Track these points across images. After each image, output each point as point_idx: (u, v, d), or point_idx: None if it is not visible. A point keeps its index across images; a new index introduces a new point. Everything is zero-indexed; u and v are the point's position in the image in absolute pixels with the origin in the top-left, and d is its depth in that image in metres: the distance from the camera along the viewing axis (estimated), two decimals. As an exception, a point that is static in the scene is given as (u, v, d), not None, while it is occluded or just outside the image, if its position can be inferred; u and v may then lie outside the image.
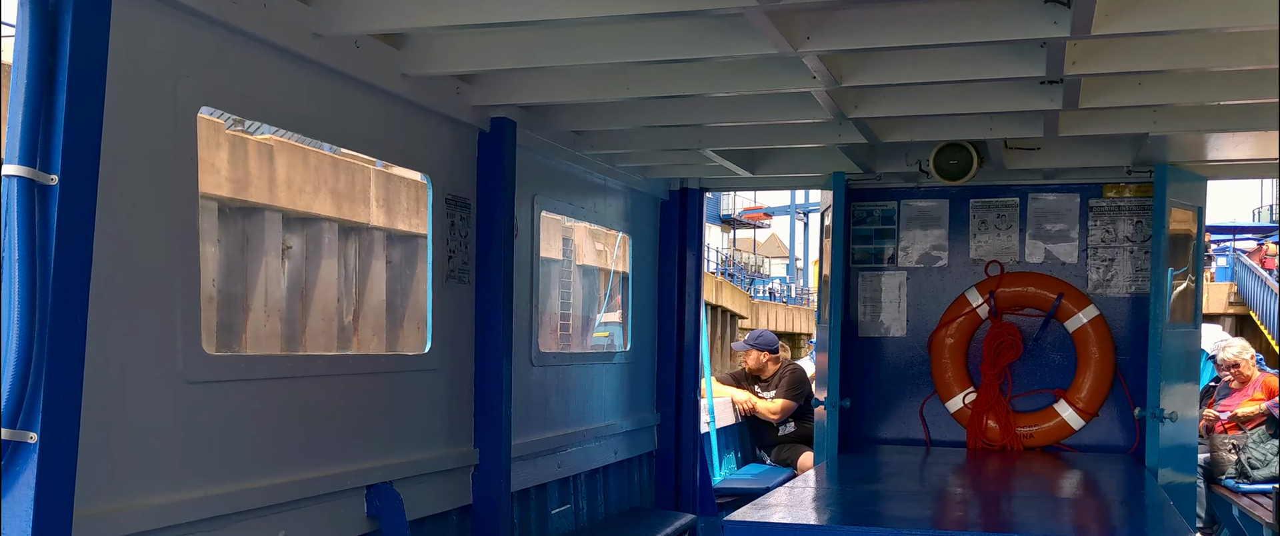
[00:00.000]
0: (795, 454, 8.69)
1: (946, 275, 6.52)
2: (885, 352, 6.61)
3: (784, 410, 8.73)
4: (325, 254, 21.87)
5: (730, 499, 7.62)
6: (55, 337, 2.48)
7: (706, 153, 5.55)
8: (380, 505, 3.88)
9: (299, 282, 21.40)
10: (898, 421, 6.59)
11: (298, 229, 21.32)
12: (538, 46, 3.85)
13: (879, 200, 6.57)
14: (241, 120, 21.66)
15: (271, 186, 20.11)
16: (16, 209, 2.45)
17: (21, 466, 2.45)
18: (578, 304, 27.25)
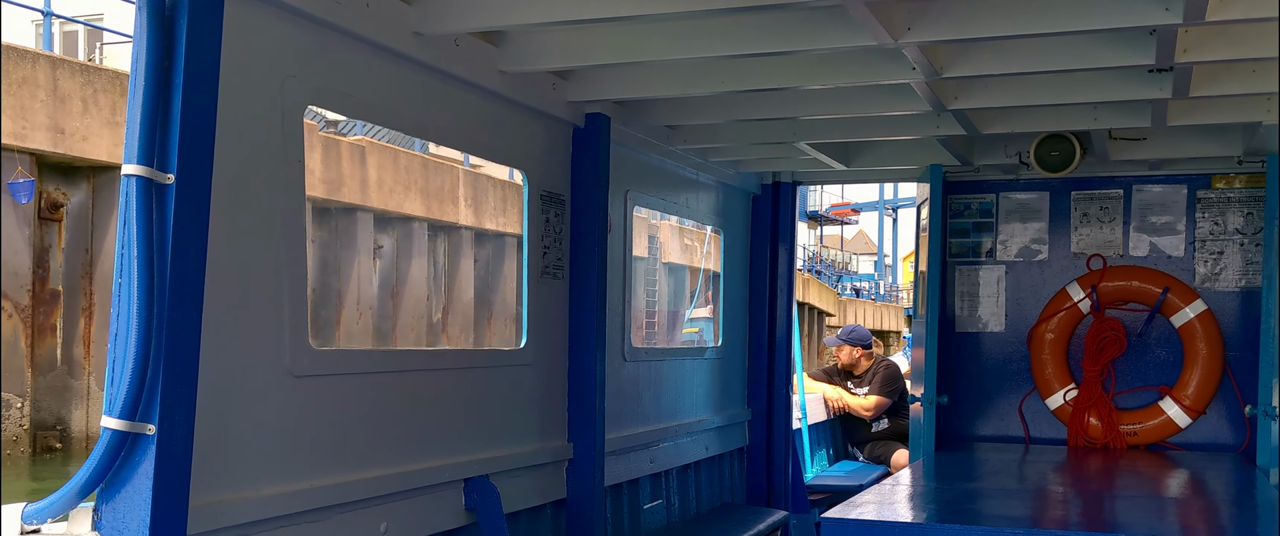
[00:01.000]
0: (888, 451, 8.58)
1: (1047, 269, 6.38)
2: (983, 348, 6.49)
3: (877, 406, 8.63)
4: (415, 252, 22.22)
5: (822, 495, 7.55)
6: (172, 332, 2.54)
7: (800, 146, 5.50)
8: (478, 498, 3.92)
9: (390, 281, 21.77)
10: (995, 418, 6.47)
11: (389, 228, 21.68)
12: (633, 41, 3.85)
13: (977, 193, 6.45)
14: (334, 122, 22.09)
15: (363, 187, 20.46)
16: (135, 207, 2.51)
17: (140, 457, 2.51)
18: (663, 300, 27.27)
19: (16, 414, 15.28)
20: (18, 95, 14.97)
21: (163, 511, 2.52)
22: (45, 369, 15.80)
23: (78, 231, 16.24)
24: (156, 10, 2.54)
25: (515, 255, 24.83)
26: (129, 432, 2.49)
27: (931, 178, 6.05)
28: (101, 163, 16.13)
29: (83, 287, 16.29)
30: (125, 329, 2.49)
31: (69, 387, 16.15)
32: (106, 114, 16.14)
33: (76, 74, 15.99)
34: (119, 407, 2.48)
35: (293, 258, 3.12)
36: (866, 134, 5.30)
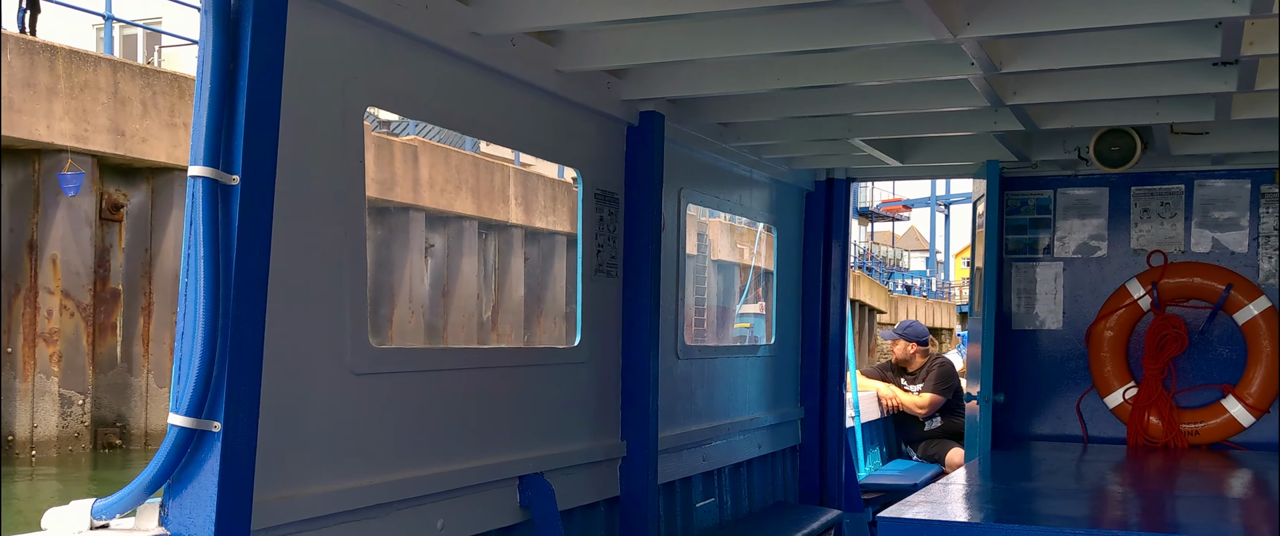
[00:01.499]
0: (943, 449, 8.51)
1: (1106, 266, 6.29)
2: (1040, 346, 6.42)
3: (931, 404, 8.56)
4: (466, 251, 22.38)
5: (876, 494, 7.51)
6: (237, 331, 2.57)
7: (855, 142, 5.47)
8: (532, 495, 3.93)
9: (441, 279, 21.94)
10: (1053, 417, 6.39)
11: (440, 227, 21.85)
12: (688, 39, 3.84)
13: (1034, 189, 6.37)
14: (386, 122, 22.30)
15: (415, 186, 20.64)
16: (201, 208, 2.54)
17: (206, 453, 2.55)
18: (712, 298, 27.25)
19: (78, 411, 15.58)
20: (80, 98, 15.26)
21: (228, 507, 2.55)
22: (105, 366, 16.10)
23: (137, 231, 16.53)
24: (222, 13, 2.58)
25: (564, 253, 24.92)
26: (195, 429, 2.53)
27: (988, 174, 5.98)
28: (160, 164, 16.41)
29: (142, 286, 16.58)
30: (191, 327, 2.53)
31: (128, 385, 16.44)
32: (165, 116, 16.41)
33: (136, 77, 16.27)
34: (185, 405, 2.51)
35: (353, 257, 3.15)
36: (922, 130, 5.26)
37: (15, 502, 13.34)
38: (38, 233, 15.20)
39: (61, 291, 15.29)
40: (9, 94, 14.44)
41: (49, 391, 15.22)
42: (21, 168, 15.08)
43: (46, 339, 15.19)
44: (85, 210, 15.50)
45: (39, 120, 14.76)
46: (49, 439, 15.23)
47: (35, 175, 15.13)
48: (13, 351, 15.01)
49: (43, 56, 14.92)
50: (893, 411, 8.78)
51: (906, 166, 6.11)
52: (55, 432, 15.28)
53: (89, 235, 15.61)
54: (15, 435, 15.01)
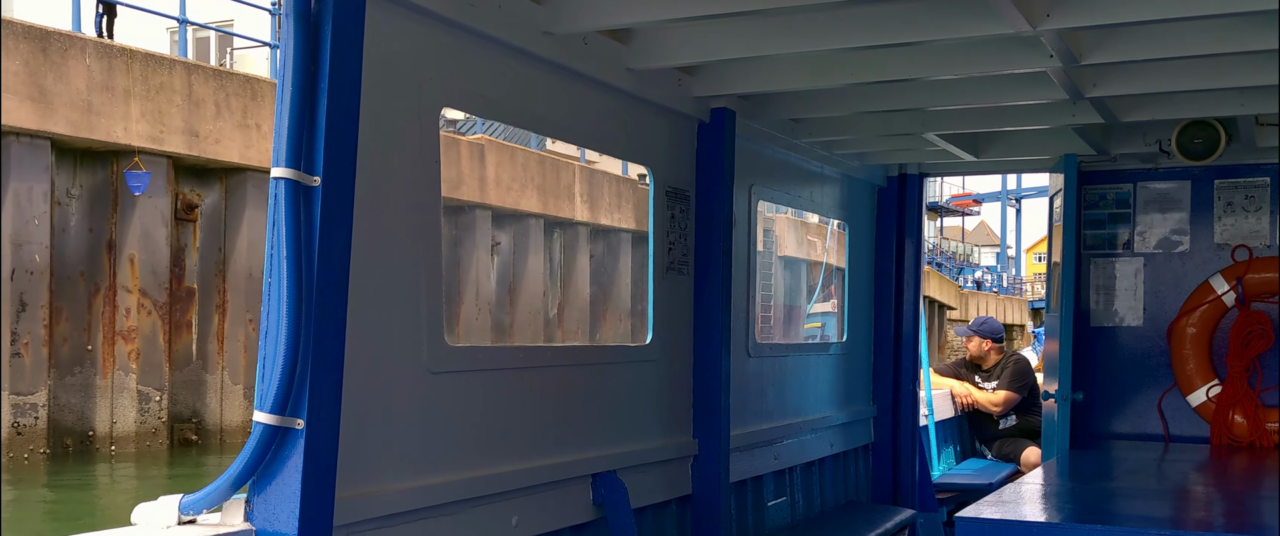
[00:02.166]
0: (1018, 448, 8.37)
1: (1188, 261, 6.14)
2: (1119, 343, 6.28)
3: (1006, 401, 8.42)
4: (532, 249, 22.50)
5: (950, 494, 7.41)
6: (319, 330, 2.60)
7: (928, 137, 5.40)
8: (605, 493, 3.93)
9: (507, 277, 22.09)
10: (1133, 415, 6.26)
11: (506, 225, 21.99)
12: (760, 35, 3.82)
13: (1113, 182, 6.24)
14: (453, 121, 22.48)
15: (482, 185, 20.79)
16: (284, 209, 2.57)
17: (289, 450, 2.58)
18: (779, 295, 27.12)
19: (155, 407, 15.90)
20: (155, 100, 15.58)
21: (311, 503, 2.58)
22: (181, 363, 16.42)
23: (211, 231, 16.84)
24: (303, 17, 2.60)
25: (629, 250, 24.95)
26: (279, 427, 2.56)
27: (1066, 168, 5.87)
28: (233, 164, 16.70)
29: (216, 285, 16.89)
30: (275, 327, 2.56)
31: (203, 382, 16.76)
32: (238, 117, 16.70)
33: (210, 79, 16.57)
34: (269, 403, 2.54)
35: (429, 256, 3.17)
36: (997, 124, 5.18)
37: (97, 496, 13.67)
38: (116, 233, 15.55)
39: (139, 290, 15.63)
40: (88, 97, 14.79)
41: (127, 388, 15.56)
42: (100, 169, 15.44)
43: (125, 336, 15.53)
44: (161, 210, 15.82)
45: (116, 122, 15.09)
46: (128, 434, 15.57)
47: (114, 177, 15.48)
48: (93, 349, 15.37)
49: (120, 60, 15.25)
50: (967, 409, 8.65)
51: (981, 161, 6.02)
52: (133, 428, 15.61)
53: (165, 235, 15.94)
54: (95, 430, 15.37)
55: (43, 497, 13.28)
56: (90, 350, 15.33)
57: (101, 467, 14.73)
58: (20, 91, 14.02)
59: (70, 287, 15.08)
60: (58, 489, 13.64)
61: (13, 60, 13.97)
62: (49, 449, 14.69)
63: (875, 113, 5.01)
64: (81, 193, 15.35)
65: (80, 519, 12.00)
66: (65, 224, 15.09)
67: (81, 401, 15.27)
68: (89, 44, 15.04)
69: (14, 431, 14.24)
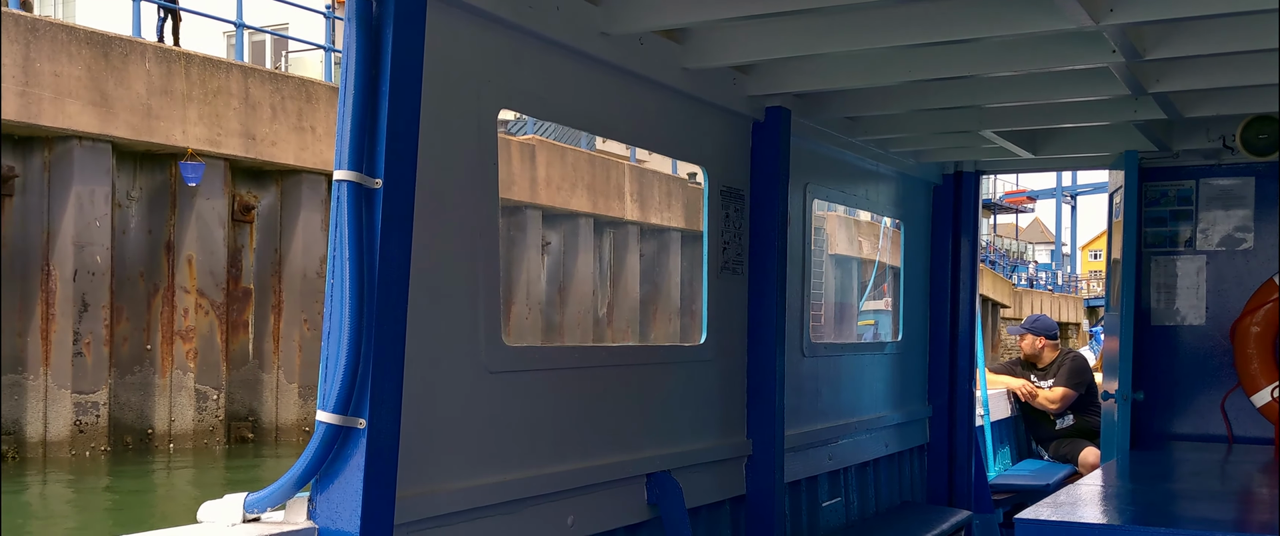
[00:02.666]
0: (1075, 449, 8.26)
1: (1252, 259, 6.02)
2: (1181, 342, 6.18)
3: (1063, 399, 8.31)
4: (582, 248, 22.56)
5: (1006, 494, 7.33)
6: (380, 331, 2.62)
7: (985, 134, 5.34)
8: (660, 493, 3.93)
9: (557, 277, 22.16)
10: (1195, 416, 6.15)
11: (556, 225, 22.07)
12: (815, 34, 3.79)
13: (1175, 179, 6.14)
14: (504, 122, 22.60)
15: (532, 185, 20.89)
16: (346, 211, 2.59)
17: (352, 449, 2.60)
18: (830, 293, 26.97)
19: (212, 405, 16.14)
20: (213, 104, 15.82)
21: (373, 502, 2.61)
22: (238, 363, 16.65)
23: (267, 232, 17.06)
24: (365, 21, 2.63)
25: (679, 249, 24.93)
26: (341, 426, 2.59)
27: (1126, 164, 5.78)
28: (288, 166, 16.91)
29: (272, 285, 17.11)
30: (337, 328, 2.58)
31: (259, 381, 16.97)
32: (293, 119, 16.90)
33: (266, 82, 16.79)
34: (332, 402, 2.57)
35: (487, 257, 3.19)
36: (1056, 120, 5.11)
37: (155, 492, 13.91)
38: (175, 234, 15.80)
39: (197, 290, 15.87)
40: (148, 101, 15.04)
41: (185, 386, 15.80)
42: (159, 171, 15.69)
43: (183, 336, 15.77)
44: (219, 212, 16.05)
45: (175, 125, 15.34)
46: (185, 432, 15.81)
47: (172, 179, 15.73)
48: (152, 348, 15.63)
49: (179, 64, 15.50)
50: (1028, 398, 8.55)
51: (1039, 158, 5.95)
52: (191, 426, 15.85)
53: (222, 236, 16.17)
54: (154, 428, 15.63)
55: (104, 494, 13.53)
56: (149, 349, 15.59)
57: (160, 465, 14.98)
58: (83, 96, 14.29)
59: (130, 288, 15.35)
60: (119, 486, 13.90)
61: (75, 65, 14.24)
62: (110, 446, 14.96)
63: (931, 110, 4.97)
64: (141, 195, 15.62)
65: (141, 516, 12.21)
66: (125, 225, 15.36)
67: (141, 400, 15.53)
68: (149, 49, 15.30)
69: (76, 429, 14.51)
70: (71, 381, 14.40)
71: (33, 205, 14.31)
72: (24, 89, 13.73)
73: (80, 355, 14.49)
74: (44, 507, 12.78)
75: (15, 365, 14.16)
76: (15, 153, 14.19)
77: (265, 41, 27.30)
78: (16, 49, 13.69)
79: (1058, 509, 3.96)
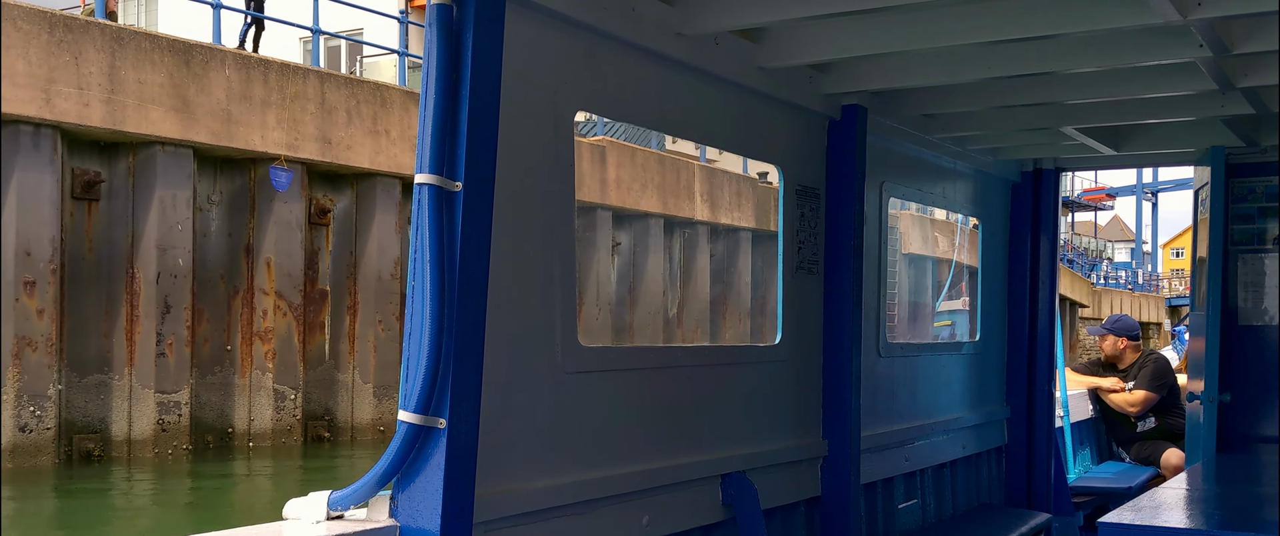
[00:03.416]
0: (1157, 451, 8.08)
1: None
2: (1269, 342, 6.01)
3: (1144, 401, 8.14)
4: (651, 249, 22.58)
5: (1086, 497, 7.20)
6: (460, 331, 2.65)
7: (1066, 131, 5.25)
8: (735, 494, 3.92)
9: (627, 277, 22.20)
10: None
11: (626, 225, 22.11)
12: (892, 31, 3.76)
13: (1263, 175, 5.98)
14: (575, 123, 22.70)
15: (603, 186, 20.95)
16: (427, 214, 2.62)
17: (432, 449, 2.63)
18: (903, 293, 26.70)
19: (290, 405, 16.42)
20: (291, 108, 16.10)
21: (453, 500, 2.63)
22: (315, 363, 16.92)
23: (343, 235, 17.32)
24: (445, 25, 2.65)
25: (749, 249, 24.85)
26: (422, 426, 2.62)
27: (1212, 161, 5.65)
28: (364, 169, 17.15)
29: (348, 287, 17.37)
30: (419, 329, 2.61)
31: (335, 381, 17.23)
32: (368, 123, 17.14)
33: (341, 87, 17.05)
34: (413, 402, 2.60)
35: (564, 258, 3.20)
36: (1139, 116, 5.00)
37: (236, 489, 14.19)
38: (254, 237, 16.11)
39: (275, 292, 16.16)
40: (227, 107, 15.35)
41: (264, 387, 16.10)
42: (239, 175, 16.02)
43: (262, 337, 16.07)
44: (296, 215, 16.33)
45: (254, 131, 15.64)
46: (264, 431, 16.11)
47: (252, 183, 16.05)
48: (232, 349, 15.95)
49: (257, 70, 15.80)
50: (1108, 398, 8.39)
51: (1121, 155, 5.83)
52: (269, 425, 16.14)
53: (300, 239, 16.45)
54: (234, 427, 15.95)
55: (188, 491, 13.84)
56: (229, 350, 15.91)
57: (239, 462, 15.28)
58: (165, 102, 14.64)
59: (211, 290, 15.68)
60: (200, 484, 14.20)
61: (158, 72, 14.59)
62: (191, 444, 15.29)
63: (1011, 107, 4.89)
64: (221, 199, 15.95)
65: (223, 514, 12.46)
66: (206, 229, 15.70)
67: (221, 399, 15.85)
68: (228, 55, 15.62)
69: (159, 427, 14.86)
70: (155, 381, 14.75)
71: (118, 210, 14.68)
72: (109, 96, 14.10)
73: (163, 356, 14.83)
74: (129, 504, 13.11)
75: (101, 365, 14.54)
76: (101, 158, 14.57)
77: (340, 47, 27.73)
78: (103, 57, 14.05)
79: (1141, 512, 3.89)
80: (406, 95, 17.88)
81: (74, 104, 13.76)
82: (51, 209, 13.68)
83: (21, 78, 13.29)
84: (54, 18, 13.79)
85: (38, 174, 13.54)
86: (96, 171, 14.44)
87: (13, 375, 13.37)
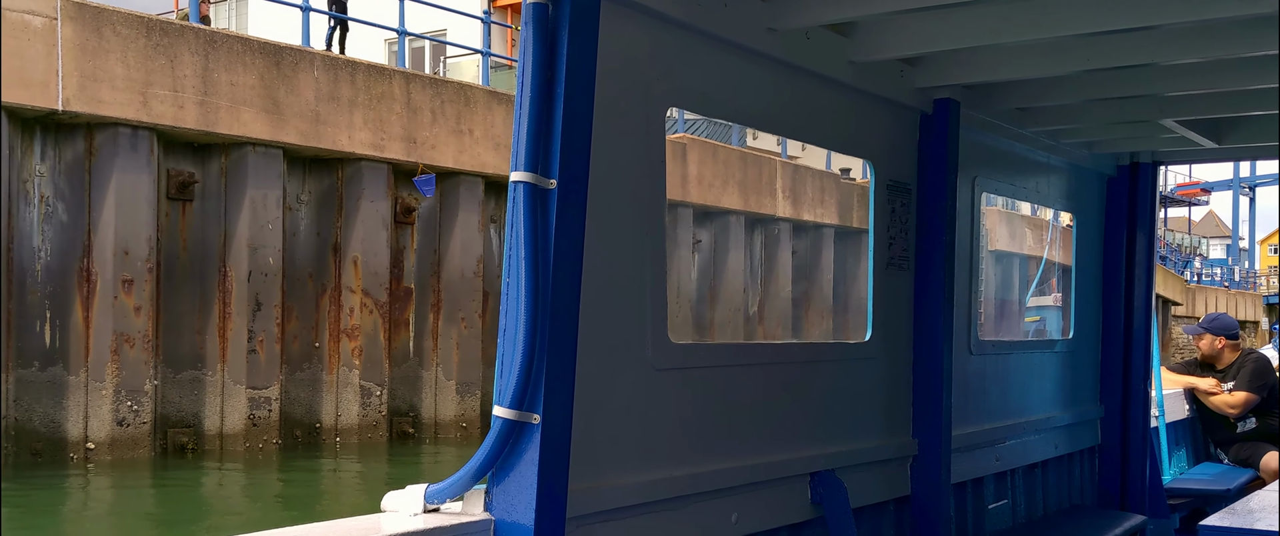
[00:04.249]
0: (1257, 453, 7.85)
1: None
2: None
3: (1244, 403, 7.91)
4: (732, 246, 22.51)
5: (1182, 500, 7.02)
6: (554, 327, 2.67)
7: (1165, 123, 5.12)
8: (824, 492, 3.89)
9: (708, 275, 22.16)
10: None
11: (707, 223, 22.07)
12: (986, 23, 3.70)
13: None
14: (658, 120, 22.70)
15: (684, 183, 20.93)
16: (522, 211, 2.65)
17: (526, 443, 2.66)
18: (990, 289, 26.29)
19: (376, 401, 16.68)
20: (377, 109, 16.36)
21: (547, 495, 2.66)
22: (399, 360, 17.16)
23: (427, 233, 17.54)
24: (541, 23, 2.67)
25: (832, 246, 24.64)
26: (517, 421, 2.64)
27: None
28: (448, 169, 17.35)
29: (432, 285, 17.59)
30: (514, 325, 2.64)
31: (419, 377, 17.46)
32: (451, 123, 17.34)
33: (426, 87, 17.27)
34: (508, 398, 2.63)
35: (655, 254, 3.21)
36: (1242, 108, 4.86)
37: (325, 483, 14.45)
38: (341, 236, 16.39)
39: (362, 290, 16.42)
40: (316, 108, 15.65)
41: (351, 383, 16.37)
42: (327, 176, 16.31)
43: (349, 334, 16.35)
44: (382, 214, 16.58)
45: (341, 131, 15.92)
46: (351, 427, 16.38)
47: (339, 183, 16.33)
48: (320, 346, 16.24)
49: (345, 71, 16.07)
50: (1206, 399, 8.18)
51: (1223, 148, 5.67)
52: (356, 421, 16.41)
53: (385, 238, 16.69)
54: (322, 423, 16.24)
55: (277, 485, 14.14)
56: (317, 347, 16.21)
57: (326, 457, 15.56)
58: (256, 103, 14.96)
59: (300, 288, 15.99)
60: (290, 477, 14.49)
61: (249, 75, 14.92)
62: (280, 439, 15.61)
63: (1107, 99, 4.78)
64: (310, 198, 16.26)
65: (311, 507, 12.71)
66: (295, 228, 16.01)
67: (309, 395, 16.16)
68: (317, 57, 15.91)
69: (250, 422, 15.20)
70: (246, 377, 15.08)
71: (211, 210, 15.05)
72: (203, 98, 14.46)
73: (254, 352, 15.16)
74: (221, 493, 13.44)
75: (195, 361, 14.92)
76: (195, 159, 14.95)
77: (424, 47, 28.09)
78: (196, 60, 14.41)
79: (1240, 516, 3.79)
80: (489, 95, 18.05)
81: (169, 106, 14.13)
82: (148, 209, 14.07)
83: (120, 81, 13.68)
84: (151, 22, 14.18)
85: (135, 175, 13.93)
86: (191, 172, 14.82)
87: (112, 370, 13.78)
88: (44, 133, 13.58)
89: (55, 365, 13.58)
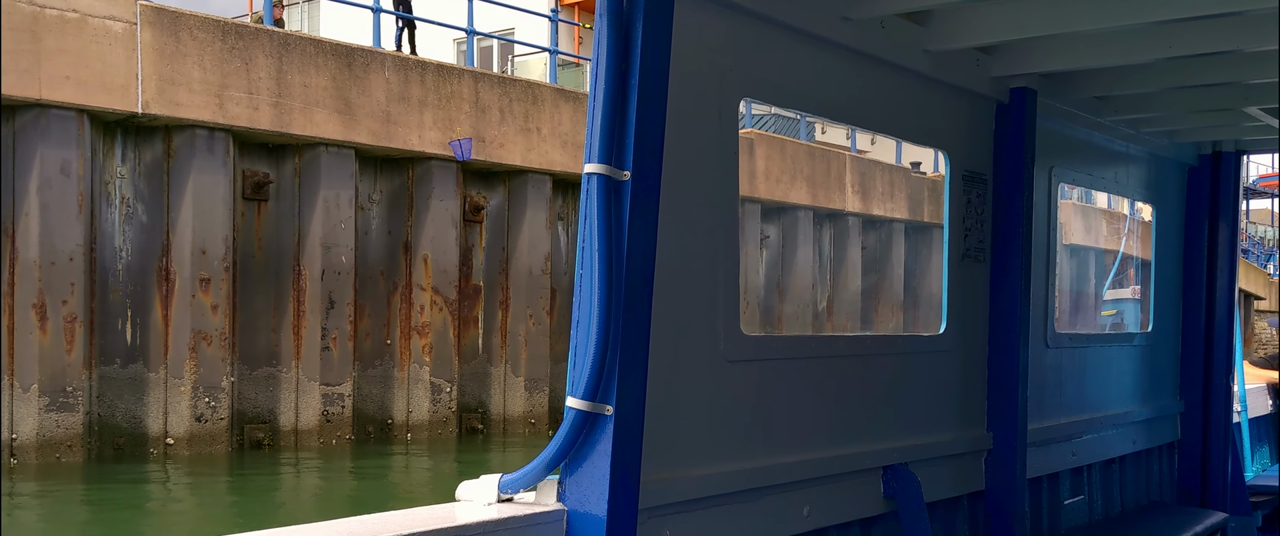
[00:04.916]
0: (1346, 450, 7.64)
1: None
2: None
3: (1331, 400, 7.71)
4: (800, 241, 22.37)
5: (1264, 497, 6.85)
6: (627, 320, 2.67)
7: (1249, 111, 4.98)
8: (897, 486, 3.85)
9: (775, 271, 22.06)
10: None
11: (775, 218, 21.97)
12: (1063, 11, 3.63)
13: None
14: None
15: (751, 178, 20.85)
16: (596, 204, 2.65)
17: (599, 435, 2.67)
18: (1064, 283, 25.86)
19: (446, 397, 16.84)
20: (446, 108, 16.52)
21: (619, 485, 2.66)
22: (468, 357, 17.32)
23: (495, 231, 17.68)
24: (615, 16, 2.68)
25: (902, 241, 24.39)
26: (590, 412, 2.65)
27: None
28: (515, 167, 17.46)
29: (500, 282, 17.72)
30: (587, 317, 2.65)
31: (488, 374, 17.60)
32: (519, 122, 17.45)
33: (495, 86, 17.40)
34: (582, 389, 2.64)
35: (727, 246, 3.20)
36: None
37: (397, 476, 14.64)
38: (412, 235, 16.58)
39: (432, 288, 16.60)
40: (387, 108, 15.84)
41: (421, 379, 16.56)
42: (397, 175, 16.51)
43: (419, 331, 16.53)
44: (451, 212, 16.75)
45: (412, 131, 16.10)
46: (421, 422, 16.57)
47: (409, 182, 16.52)
48: (391, 343, 16.45)
49: (415, 72, 16.25)
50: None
51: None
52: (427, 417, 16.59)
53: (454, 236, 16.85)
54: (393, 418, 16.45)
55: (351, 478, 14.35)
56: (389, 344, 16.42)
57: (397, 452, 15.75)
58: (329, 104, 15.19)
59: (372, 286, 16.20)
60: (362, 471, 14.70)
61: (322, 76, 15.15)
62: (353, 435, 15.84)
63: (1189, 87, 4.67)
64: (381, 198, 16.47)
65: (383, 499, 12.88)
66: (367, 227, 16.23)
67: (381, 391, 16.37)
68: (387, 58, 16.11)
69: (323, 418, 15.44)
70: (320, 374, 15.32)
71: (285, 209, 15.30)
72: (277, 100, 14.71)
73: (327, 349, 15.40)
74: (297, 486, 13.68)
75: (270, 358, 15.19)
76: (270, 160, 15.21)
77: (492, 46, 28.30)
78: (270, 62, 14.66)
79: None
80: (557, 93, 18.13)
81: (245, 108, 14.40)
82: (224, 209, 14.34)
83: (197, 84, 13.97)
84: (227, 26, 14.46)
85: (212, 176, 14.21)
86: (265, 173, 15.08)
87: (190, 367, 14.08)
88: (124, 135, 13.91)
89: (136, 362, 13.90)
